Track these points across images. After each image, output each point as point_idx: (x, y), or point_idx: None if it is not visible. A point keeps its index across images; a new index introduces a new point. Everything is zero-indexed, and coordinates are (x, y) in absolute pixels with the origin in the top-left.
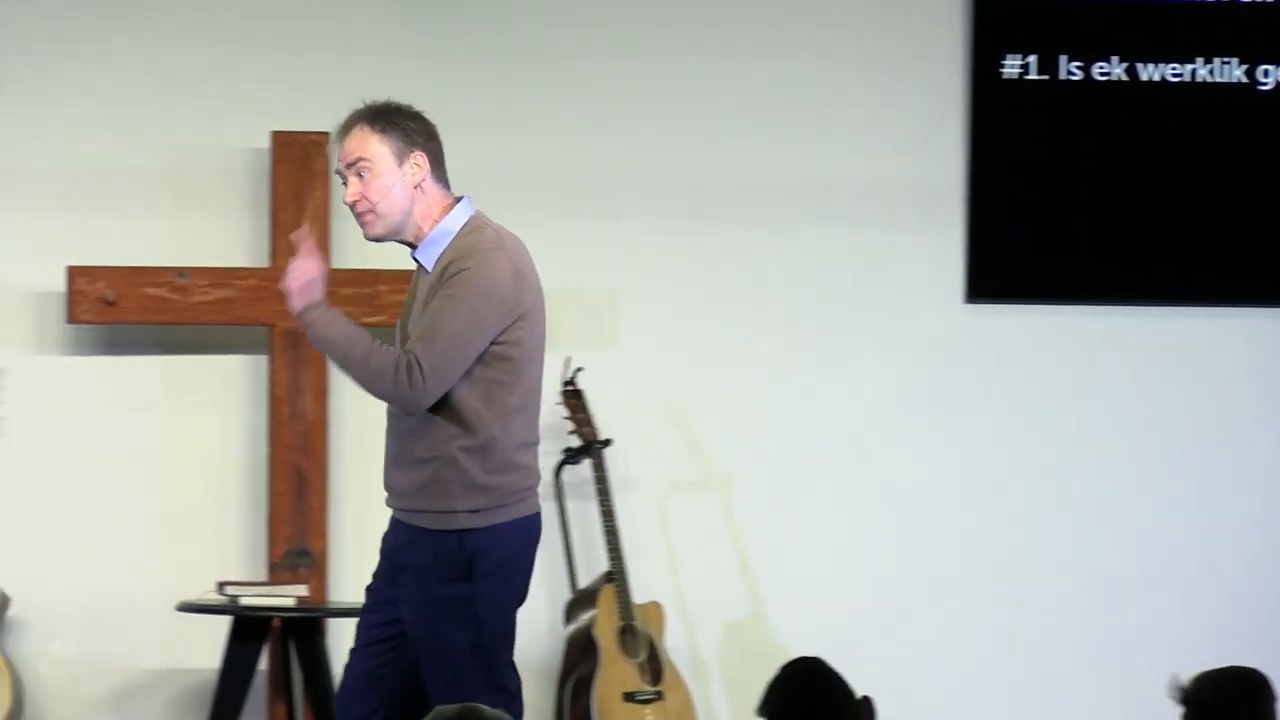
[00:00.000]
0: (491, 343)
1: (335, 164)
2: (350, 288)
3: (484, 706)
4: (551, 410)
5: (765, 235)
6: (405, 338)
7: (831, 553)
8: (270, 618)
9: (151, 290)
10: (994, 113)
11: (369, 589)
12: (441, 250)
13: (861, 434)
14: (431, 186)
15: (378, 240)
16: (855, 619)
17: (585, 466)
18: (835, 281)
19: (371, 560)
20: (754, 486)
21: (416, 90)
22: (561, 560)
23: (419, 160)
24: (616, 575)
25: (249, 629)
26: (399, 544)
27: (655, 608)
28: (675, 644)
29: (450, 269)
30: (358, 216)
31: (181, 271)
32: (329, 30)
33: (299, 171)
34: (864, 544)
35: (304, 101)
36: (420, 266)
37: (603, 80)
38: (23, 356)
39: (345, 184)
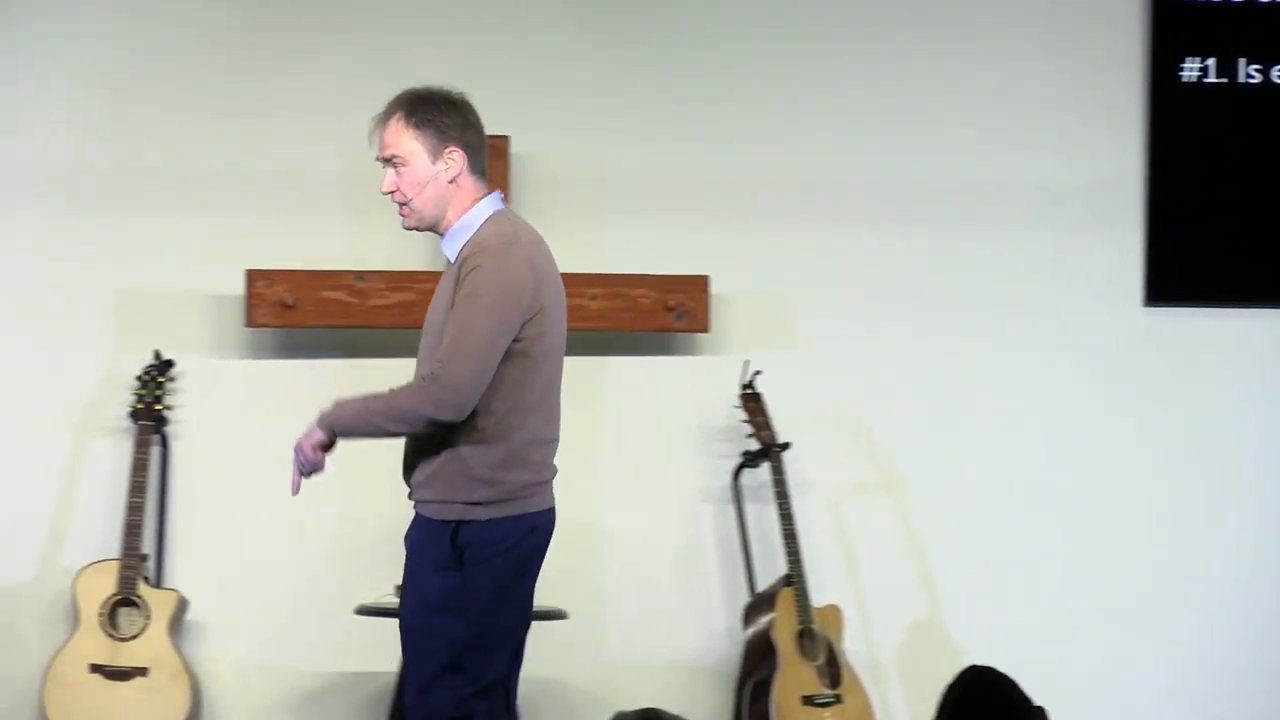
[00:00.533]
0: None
1: (374, 150)
2: None
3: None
4: (730, 414)
5: (944, 238)
6: (428, 327)
7: (1008, 556)
8: None
9: (329, 293)
10: (1173, 115)
11: (398, 587)
12: (463, 244)
13: (1039, 438)
14: (466, 180)
15: (414, 230)
16: (1032, 623)
17: (764, 470)
18: (1013, 284)
19: (549, 563)
20: (931, 489)
21: (595, 93)
22: (740, 564)
23: (454, 156)
24: (795, 578)
25: None
26: (409, 534)
27: (834, 611)
28: (853, 647)
29: (465, 266)
30: (399, 209)
31: (359, 275)
32: (507, 33)
33: None
34: (1041, 548)
35: (482, 104)
36: (447, 260)
37: (784, 83)
38: (201, 360)
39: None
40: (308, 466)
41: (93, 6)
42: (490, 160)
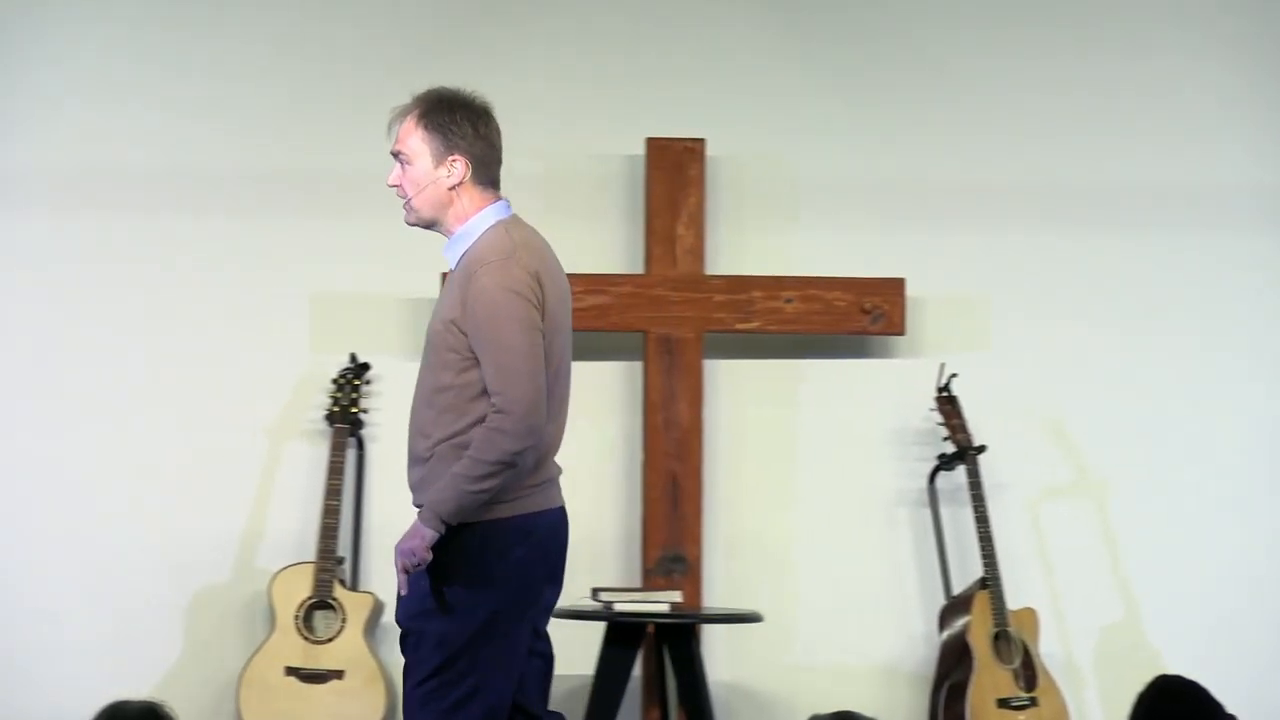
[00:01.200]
0: None
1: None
2: (723, 294)
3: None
4: (926, 416)
5: (1142, 240)
6: (429, 337)
7: (1208, 559)
8: (644, 624)
9: None
10: None
11: None
12: (463, 251)
13: (1241, 440)
14: (471, 188)
15: (415, 226)
16: (1231, 628)
17: (959, 472)
18: (1215, 287)
19: (744, 566)
20: (1128, 491)
21: (791, 96)
22: (936, 566)
23: (456, 164)
24: (990, 581)
25: (623, 635)
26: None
27: (1029, 613)
28: (1049, 649)
29: (469, 291)
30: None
31: None
32: (703, 35)
33: (673, 178)
34: (1240, 551)
35: (678, 107)
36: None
37: (980, 85)
38: (397, 362)
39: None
40: (414, 564)
41: (279, 9)
42: (686, 165)
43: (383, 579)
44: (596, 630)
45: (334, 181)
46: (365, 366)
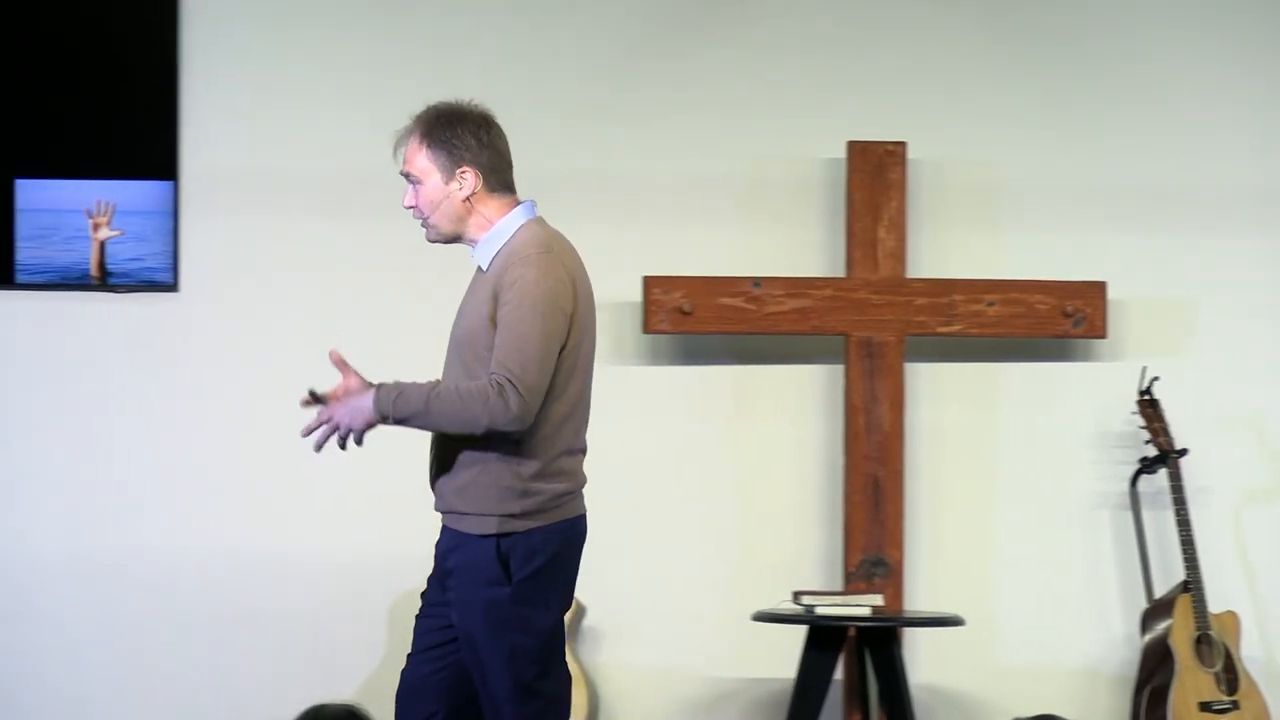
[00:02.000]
0: None
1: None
2: (925, 297)
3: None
4: (1128, 420)
5: None
6: (460, 337)
7: None
8: (846, 627)
9: (726, 300)
10: None
11: (423, 594)
12: (496, 250)
13: None
14: (485, 196)
15: (437, 243)
16: None
17: (1161, 476)
18: None
19: (947, 570)
20: None
21: (992, 98)
22: (1138, 570)
23: (466, 176)
24: (1192, 584)
25: (824, 638)
26: (446, 548)
27: (1231, 617)
28: (1251, 653)
29: (505, 277)
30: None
31: (757, 281)
32: (904, 38)
33: (874, 181)
34: None
35: (880, 111)
36: (478, 267)
37: (1184, 87)
38: (598, 367)
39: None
40: (342, 437)
41: (487, 13)
42: (887, 168)
43: (585, 582)
44: (798, 634)
45: (535, 183)
46: None
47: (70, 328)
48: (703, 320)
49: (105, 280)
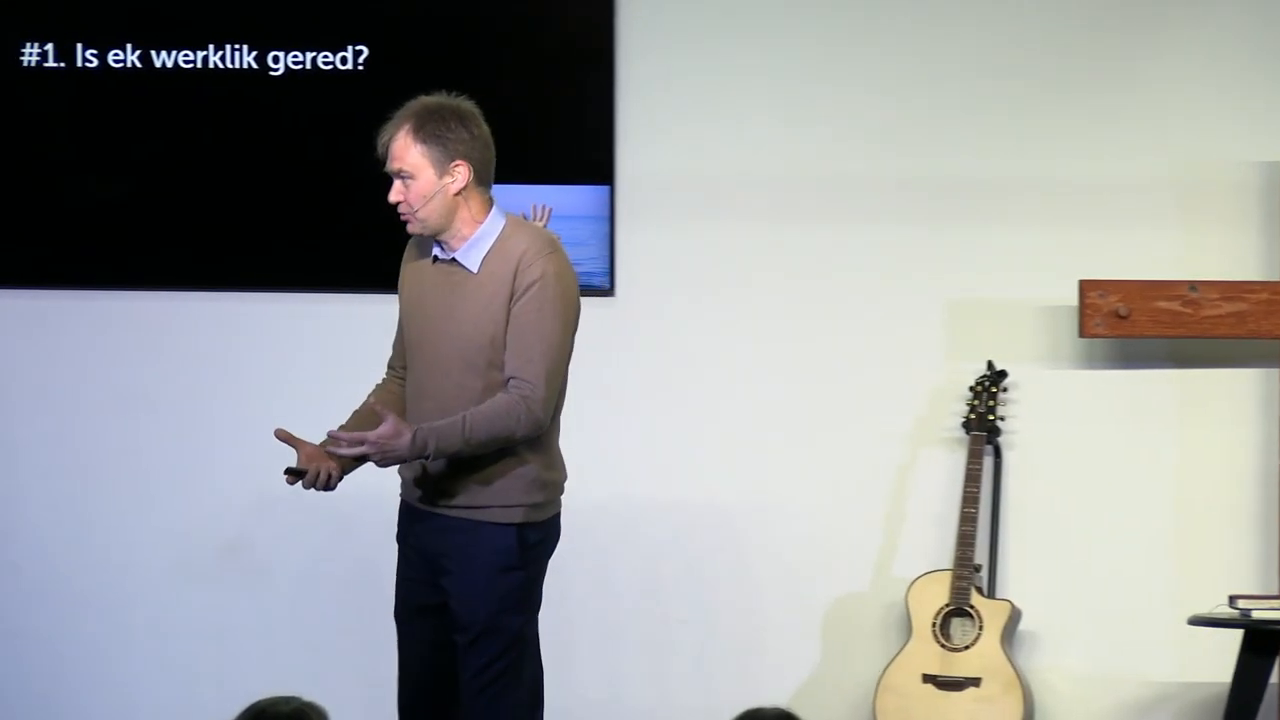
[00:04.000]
0: None
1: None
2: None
3: None
4: None
5: None
6: (412, 335)
7: None
8: None
9: (1162, 304)
10: None
11: (403, 599)
12: (485, 252)
13: None
14: (474, 191)
15: (419, 234)
16: None
17: None
18: None
19: None
20: None
21: None
22: None
23: (459, 170)
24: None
25: (1261, 642)
26: (450, 544)
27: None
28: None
29: (523, 276)
30: (401, 216)
31: (1193, 285)
32: None
33: None
34: None
35: None
36: (460, 265)
37: None
38: (1034, 370)
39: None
40: (377, 462)
41: (900, 15)
42: None
43: (1019, 586)
44: (1234, 638)
45: (969, 188)
46: (1002, 374)
47: None
48: (1139, 324)
49: None
